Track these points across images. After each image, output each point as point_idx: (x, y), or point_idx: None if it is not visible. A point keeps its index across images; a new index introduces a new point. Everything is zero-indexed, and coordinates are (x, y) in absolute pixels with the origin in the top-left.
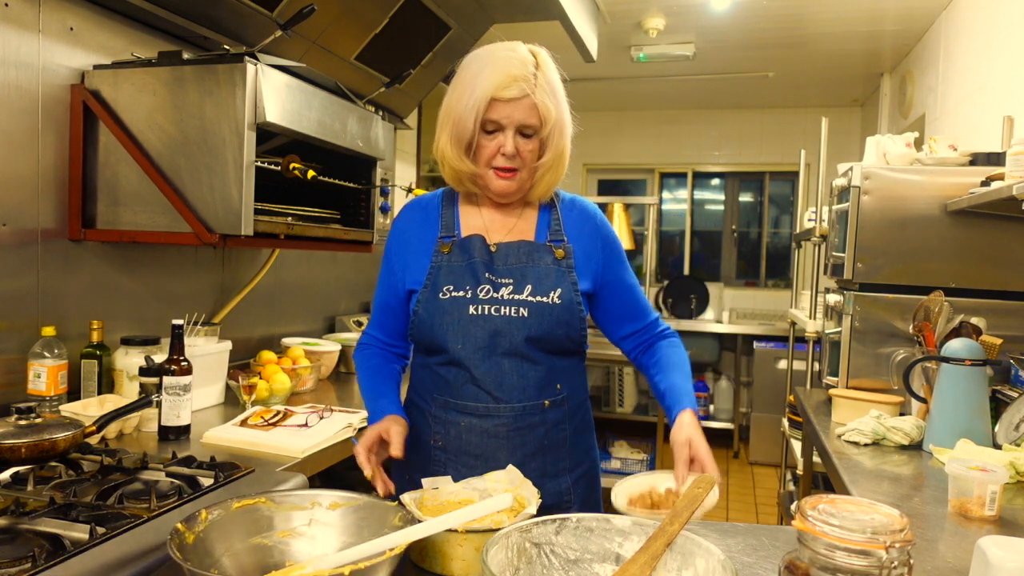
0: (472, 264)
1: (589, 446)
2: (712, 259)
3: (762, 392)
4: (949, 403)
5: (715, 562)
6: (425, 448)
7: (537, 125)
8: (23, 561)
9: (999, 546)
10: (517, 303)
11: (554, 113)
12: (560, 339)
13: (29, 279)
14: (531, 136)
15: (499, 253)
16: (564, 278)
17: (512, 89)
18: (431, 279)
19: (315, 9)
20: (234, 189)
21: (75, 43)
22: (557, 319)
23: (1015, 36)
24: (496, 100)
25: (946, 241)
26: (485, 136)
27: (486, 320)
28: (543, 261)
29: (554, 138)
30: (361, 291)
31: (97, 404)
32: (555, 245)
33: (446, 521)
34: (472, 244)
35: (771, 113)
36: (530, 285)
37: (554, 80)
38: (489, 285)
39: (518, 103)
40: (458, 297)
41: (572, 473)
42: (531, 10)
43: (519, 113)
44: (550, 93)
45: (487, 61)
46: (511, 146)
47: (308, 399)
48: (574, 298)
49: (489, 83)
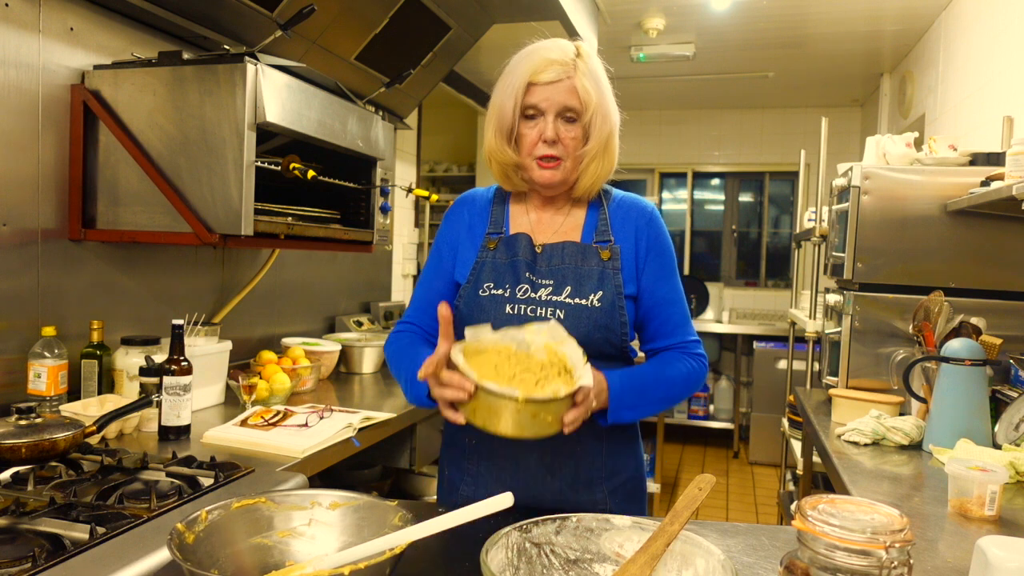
0: (515, 263)
1: (629, 455)
2: (712, 259)
3: (762, 392)
4: (949, 403)
5: (715, 562)
6: (460, 446)
7: (579, 108)
8: (23, 561)
9: (999, 546)
10: (554, 304)
11: (595, 97)
12: (598, 343)
13: (29, 279)
14: (574, 121)
15: (543, 254)
16: (608, 280)
17: (550, 72)
18: (475, 274)
19: (315, 9)
20: (234, 189)
21: (75, 43)
22: (595, 323)
23: (1015, 36)
24: (534, 84)
25: (946, 241)
26: (526, 123)
27: (521, 320)
28: (588, 263)
29: (597, 124)
30: (361, 291)
31: (97, 404)
32: (601, 246)
33: (446, 521)
34: (518, 242)
35: (771, 113)
36: (569, 287)
37: (597, 69)
38: (528, 285)
39: (557, 85)
40: (497, 295)
41: (609, 482)
42: (531, 10)
43: (559, 95)
44: (592, 79)
45: (528, 52)
46: (551, 131)
47: (308, 399)
48: (616, 301)
49: (527, 67)
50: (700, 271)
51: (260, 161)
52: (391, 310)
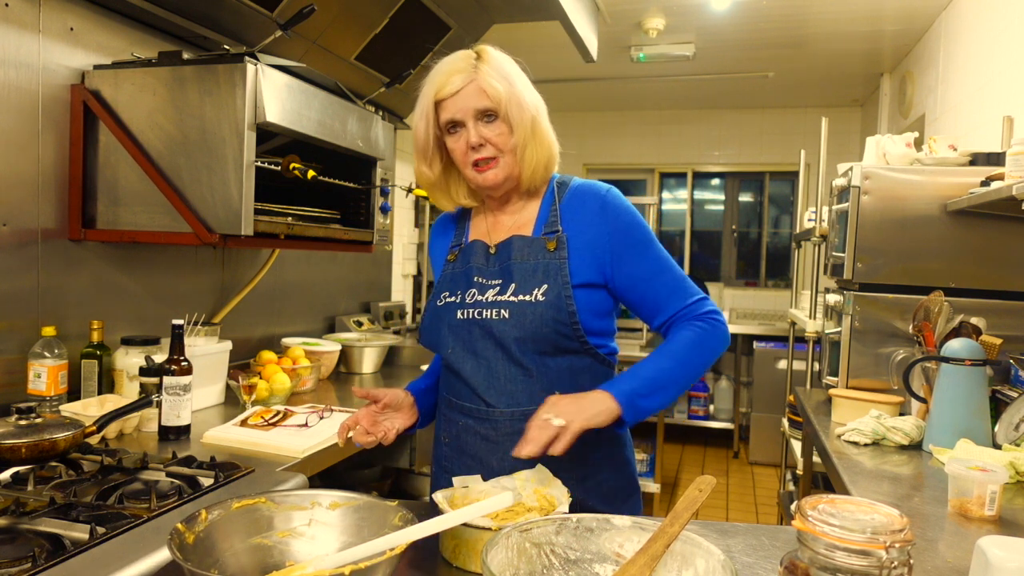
0: (468, 269)
1: (606, 457)
2: (712, 259)
3: (762, 392)
4: (949, 403)
5: (715, 562)
6: (439, 443)
7: (492, 105)
8: (23, 561)
9: (999, 546)
10: (499, 304)
11: (504, 89)
12: (550, 336)
13: (29, 279)
14: (494, 119)
15: (496, 254)
16: (553, 272)
17: (452, 83)
18: (437, 288)
19: (315, 9)
20: (234, 189)
21: (75, 43)
22: (540, 317)
23: (1015, 36)
24: (441, 100)
25: (946, 241)
26: (451, 138)
27: (471, 324)
28: (534, 256)
29: (514, 113)
30: (361, 291)
31: (97, 404)
32: (548, 237)
33: (446, 521)
34: (473, 249)
35: (771, 113)
36: (515, 284)
37: (501, 65)
38: (476, 288)
39: (463, 92)
40: (450, 303)
41: (582, 485)
42: (531, 10)
43: (468, 101)
44: (498, 75)
45: (430, 74)
46: (475, 135)
47: (308, 399)
48: (563, 292)
49: (431, 88)
50: (700, 271)
51: (260, 161)
52: (391, 310)
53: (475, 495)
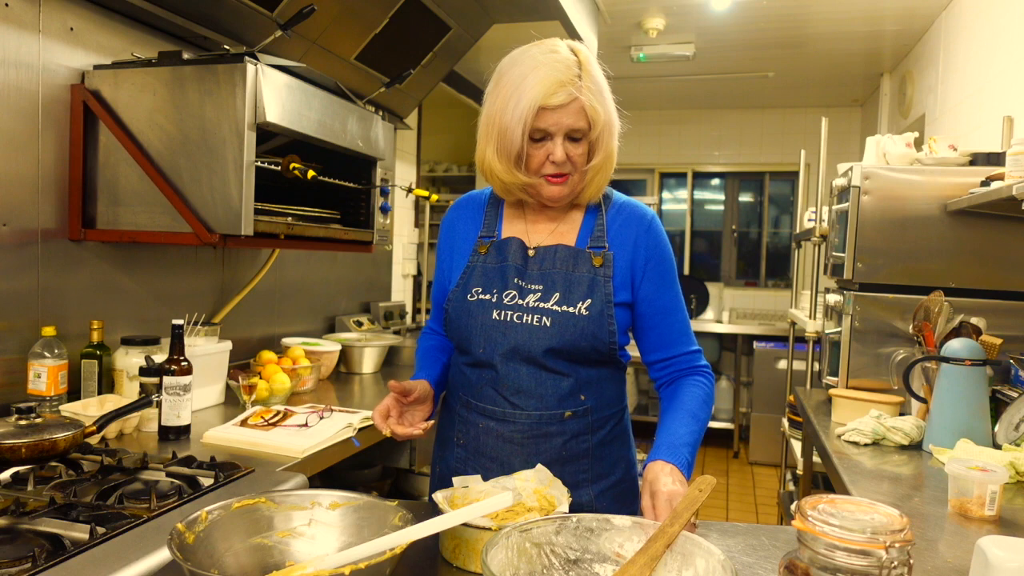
0: (504, 267)
1: (619, 458)
2: (712, 259)
3: (762, 392)
4: (949, 403)
5: (715, 562)
6: (449, 445)
7: (586, 129)
8: (23, 561)
9: (999, 546)
10: (541, 311)
11: (603, 115)
12: (585, 351)
13: (29, 279)
14: (580, 140)
15: (535, 257)
16: (599, 288)
17: (559, 95)
18: (464, 279)
19: (315, 9)
20: (234, 189)
21: (75, 43)
22: (581, 331)
23: (1015, 36)
24: (544, 108)
25: (946, 241)
26: (533, 145)
27: (507, 326)
28: (579, 268)
29: (603, 139)
30: (361, 291)
31: (97, 404)
32: (595, 252)
33: (446, 521)
34: (509, 246)
35: (771, 113)
36: (558, 293)
37: (599, 79)
38: (516, 291)
39: (565, 108)
40: (484, 300)
41: (596, 485)
42: (531, 10)
43: (567, 119)
44: (597, 94)
45: (530, 67)
46: (561, 153)
47: (308, 399)
48: (605, 310)
49: (536, 91)
50: (700, 271)
51: (260, 161)
52: (391, 310)
53: (475, 495)
